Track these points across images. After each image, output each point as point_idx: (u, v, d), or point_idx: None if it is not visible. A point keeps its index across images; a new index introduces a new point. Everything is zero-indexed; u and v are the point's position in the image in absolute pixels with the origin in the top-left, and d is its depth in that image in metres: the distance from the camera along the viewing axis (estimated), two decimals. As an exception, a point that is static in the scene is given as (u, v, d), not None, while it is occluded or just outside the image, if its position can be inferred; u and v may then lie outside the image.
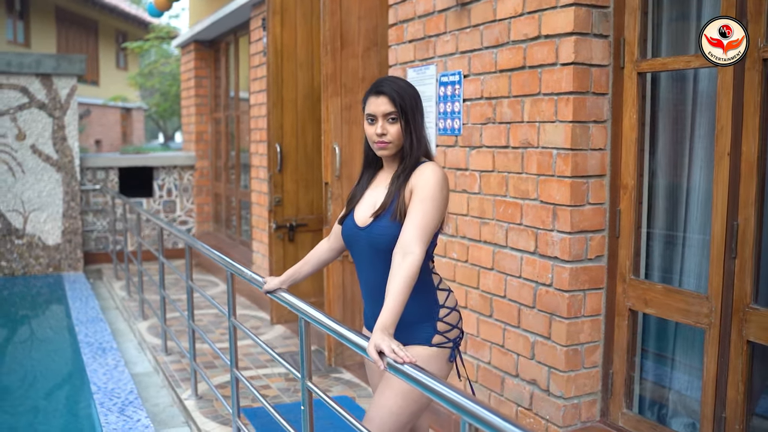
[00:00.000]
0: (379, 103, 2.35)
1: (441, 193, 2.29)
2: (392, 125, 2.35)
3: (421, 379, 1.83)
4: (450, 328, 2.42)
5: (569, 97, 3.00)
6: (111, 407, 4.51)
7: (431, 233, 2.25)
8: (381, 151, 2.38)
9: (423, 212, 2.23)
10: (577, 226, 3.06)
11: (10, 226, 8.51)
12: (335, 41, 4.40)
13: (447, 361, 2.42)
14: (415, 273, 2.15)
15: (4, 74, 8.33)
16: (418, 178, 2.30)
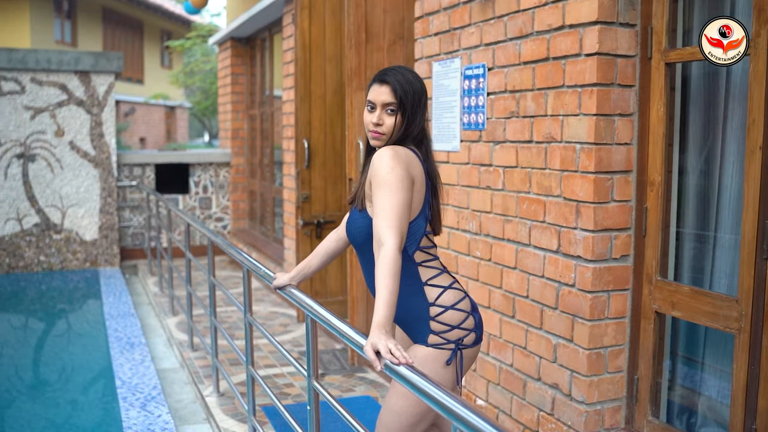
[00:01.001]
0: (380, 92, 2.29)
1: (392, 175, 2.16)
2: (389, 117, 2.29)
3: (413, 380, 1.73)
4: (448, 329, 2.28)
5: (593, 89, 2.87)
6: (133, 402, 4.51)
7: (400, 216, 2.12)
8: (374, 141, 2.32)
9: (380, 199, 2.14)
10: (601, 224, 2.92)
11: (48, 222, 8.63)
12: (360, 35, 4.32)
13: (443, 364, 2.27)
14: (393, 262, 2.05)
15: (44, 71, 8.45)
16: (370, 168, 2.24)
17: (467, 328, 2.32)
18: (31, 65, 8.33)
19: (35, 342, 6.60)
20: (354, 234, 2.35)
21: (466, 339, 2.32)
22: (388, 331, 1.97)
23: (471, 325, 2.34)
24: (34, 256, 8.59)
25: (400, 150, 2.24)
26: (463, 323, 2.31)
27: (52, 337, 6.76)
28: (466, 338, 2.32)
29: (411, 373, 1.76)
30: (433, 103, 4.09)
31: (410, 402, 2.24)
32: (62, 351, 6.12)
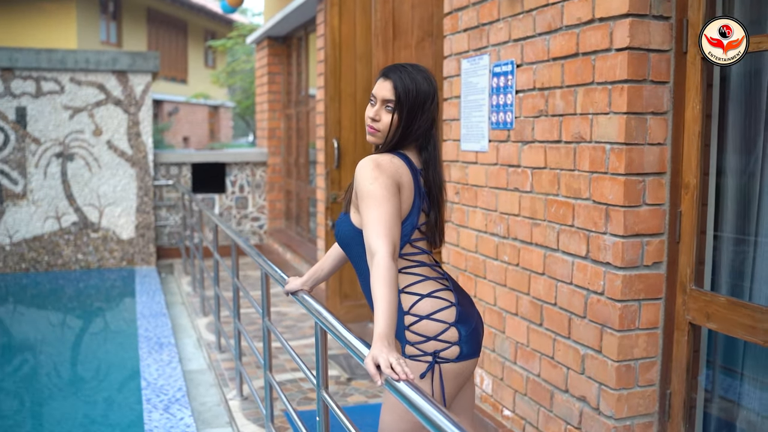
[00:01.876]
0: (382, 87, 2.20)
1: (375, 186, 2.06)
2: (387, 114, 2.19)
3: (410, 397, 1.61)
4: (423, 340, 2.14)
5: (624, 85, 2.71)
6: (157, 404, 4.46)
7: (388, 225, 2.01)
8: (369, 137, 2.24)
9: (367, 211, 2.06)
10: (632, 229, 2.76)
11: (86, 220, 8.70)
12: (387, 31, 4.21)
13: (419, 378, 2.13)
14: (387, 269, 1.94)
15: (83, 71, 8.52)
16: (354, 177, 2.16)
17: (447, 341, 2.15)
18: (70, 65, 8.41)
19: (67, 340, 6.64)
20: (338, 235, 2.30)
21: (445, 352, 2.15)
22: (391, 343, 1.85)
23: (453, 338, 2.16)
24: (72, 254, 8.67)
25: (383, 159, 2.14)
26: (441, 335, 2.15)
27: (85, 335, 6.79)
28: (446, 351, 2.15)
29: (410, 390, 1.63)
30: (462, 101, 3.95)
31: (396, 418, 2.13)
32: (92, 350, 6.14)
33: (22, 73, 8.32)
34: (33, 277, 8.46)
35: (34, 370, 5.81)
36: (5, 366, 5.96)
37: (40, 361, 6.01)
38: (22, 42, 15.73)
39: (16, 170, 8.41)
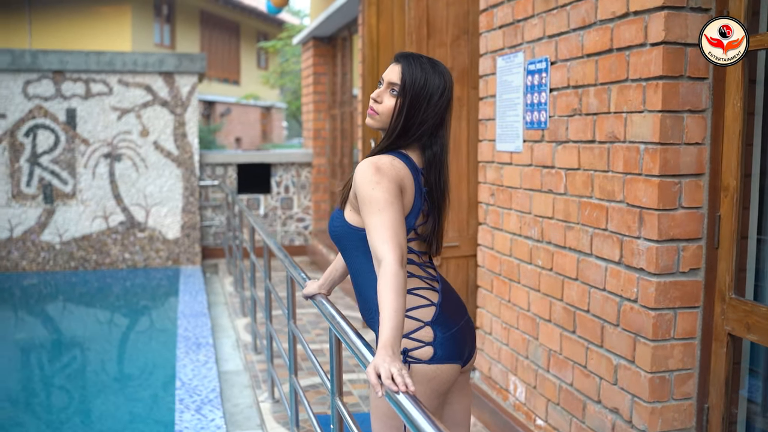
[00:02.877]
0: (392, 71, 2.12)
1: (378, 190, 1.97)
2: (390, 98, 2.09)
3: (408, 411, 1.52)
4: None
5: (658, 82, 2.57)
6: (189, 404, 4.46)
7: (393, 230, 1.92)
8: (368, 119, 2.15)
9: (370, 217, 1.96)
10: (667, 234, 2.61)
11: (133, 220, 8.82)
12: (421, 29, 4.12)
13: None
14: (395, 276, 1.85)
15: (130, 73, 8.64)
16: (354, 182, 2.06)
17: (419, 340, 2.05)
18: (118, 67, 8.53)
19: (110, 338, 6.73)
20: (332, 231, 2.22)
21: (416, 352, 2.04)
22: (396, 353, 1.76)
23: (427, 338, 2.06)
24: (119, 253, 8.80)
25: (383, 161, 2.04)
26: (414, 333, 2.05)
27: (127, 333, 6.87)
28: (417, 351, 2.04)
29: (409, 403, 1.55)
30: (497, 100, 3.84)
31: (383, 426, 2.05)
32: (133, 348, 6.20)
33: (72, 75, 8.48)
34: (82, 276, 8.61)
35: (78, 367, 5.90)
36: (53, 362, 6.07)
37: (84, 358, 6.10)
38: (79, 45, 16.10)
39: (65, 170, 8.57)
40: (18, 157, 8.42)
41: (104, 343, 6.56)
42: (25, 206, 8.48)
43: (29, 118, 8.42)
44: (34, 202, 8.50)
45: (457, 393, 2.20)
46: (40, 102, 8.42)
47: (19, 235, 8.49)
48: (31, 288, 8.23)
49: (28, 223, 8.50)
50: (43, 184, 8.50)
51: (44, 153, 8.50)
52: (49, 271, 8.60)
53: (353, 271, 2.21)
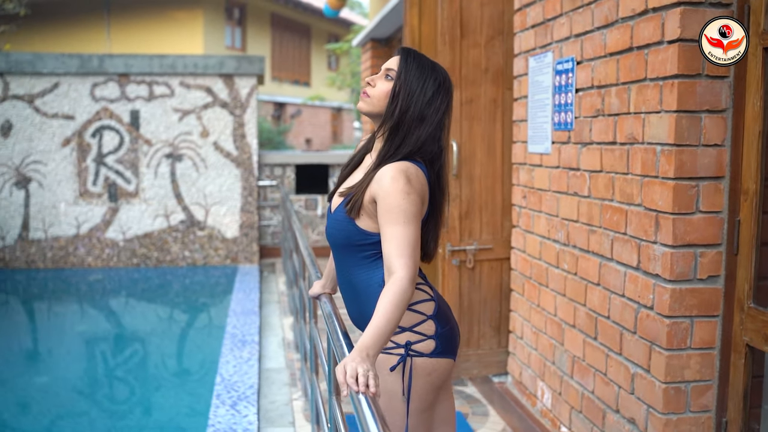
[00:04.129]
0: (391, 60, 2.10)
1: (407, 202, 1.92)
2: (384, 82, 2.06)
3: (364, 415, 1.51)
4: (398, 330, 2.02)
5: (674, 81, 2.48)
6: (225, 400, 4.53)
7: (411, 243, 1.89)
8: (359, 103, 2.11)
9: (393, 227, 1.91)
10: (682, 239, 2.52)
11: (193, 219, 9.04)
12: (454, 30, 4.08)
13: (387, 371, 2.02)
14: (404, 294, 1.83)
15: (191, 75, 8.85)
16: (377, 185, 1.97)
17: (422, 333, 2.04)
18: (180, 70, 8.76)
19: (162, 332, 6.91)
20: (333, 234, 2.12)
21: (419, 345, 2.03)
22: (369, 356, 1.75)
23: (429, 331, 2.04)
24: (179, 251, 9.03)
25: (411, 171, 1.98)
26: (417, 326, 2.04)
27: (178, 329, 7.05)
28: (420, 344, 2.03)
29: (365, 405, 1.54)
30: (529, 101, 3.77)
31: None
32: (181, 344, 6.36)
33: (136, 78, 8.75)
34: (143, 272, 8.88)
35: (129, 359, 6.09)
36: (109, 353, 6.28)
37: (137, 351, 6.29)
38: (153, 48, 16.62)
39: (129, 170, 8.85)
40: (85, 157, 8.75)
41: (157, 337, 6.75)
42: (91, 204, 8.80)
43: (96, 120, 8.73)
44: (99, 201, 8.81)
45: (444, 391, 2.17)
46: (107, 104, 8.72)
47: (85, 232, 8.82)
48: (96, 283, 8.53)
49: (93, 221, 8.82)
50: (108, 183, 8.81)
51: (109, 153, 8.80)
52: (112, 267, 8.90)
53: (355, 282, 2.12)
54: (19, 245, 8.70)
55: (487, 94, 4.15)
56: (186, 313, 7.67)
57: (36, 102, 8.59)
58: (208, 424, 4.16)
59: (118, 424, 4.63)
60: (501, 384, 4.31)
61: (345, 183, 2.19)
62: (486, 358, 4.36)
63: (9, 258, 8.69)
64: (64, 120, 8.65)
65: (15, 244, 8.70)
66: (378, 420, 1.47)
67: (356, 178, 2.15)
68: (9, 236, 8.68)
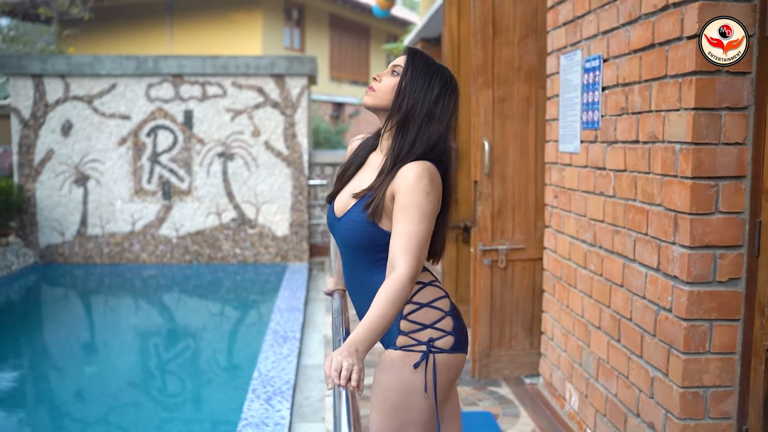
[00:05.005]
0: (398, 59, 2.11)
1: (427, 201, 1.93)
2: (390, 78, 2.07)
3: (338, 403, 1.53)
4: (419, 328, 2.04)
5: (692, 78, 2.42)
6: (260, 395, 4.61)
7: (421, 243, 1.91)
8: (364, 97, 2.11)
9: (408, 223, 1.91)
10: (701, 240, 2.45)
11: (244, 217, 9.19)
12: (486, 29, 4.05)
13: (411, 368, 2.01)
14: (403, 291, 1.84)
15: (243, 76, 9.01)
16: (400, 181, 1.96)
17: (442, 329, 2.06)
18: (232, 70, 8.92)
19: (209, 328, 7.06)
20: (349, 237, 2.07)
21: (440, 341, 2.05)
22: (358, 351, 1.76)
23: (448, 327, 2.07)
24: (230, 248, 9.20)
25: (433, 171, 1.99)
26: (438, 323, 2.06)
27: (224, 324, 7.19)
28: (441, 340, 2.05)
29: (343, 400, 1.55)
30: (560, 100, 3.73)
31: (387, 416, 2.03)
32: (225, 339, 6.48)
33: (189, 78, 8.96)
34: (195, 269, 9.08)
35: (175, 353, 6.24)
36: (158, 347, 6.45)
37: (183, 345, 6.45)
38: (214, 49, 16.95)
39: (182, 168, 9.06)
40: (140, 155, 8.99)
41: (203, 332, 6.90)
42: (145, 202, 9.05)
43: (151, 119, 8.97)
44: (153, 198, 9.04)
45: (453, 386, 2.18)
46: (161, 104, 8.95)
47: (140, 229, 9.07)
48: (149, 279, 8.76)
49: (148, 218, 9.06)
50: (162, 181, 9.03)
51: (164, 152, 9.03)
52: (166, 264, 9.13)
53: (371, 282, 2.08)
54: (78, 241, 9.01)
55: (520, 92, 4.12)
56: (233, 309, 7.82)
57: (95, 102, 8.87)
58: (241, 417, 4.24)
59: (156, 414, 4.76)
60: (532, 385, 4.26)
61: (353, 183, 2.16)
62: (518, 359, 4.33)
63: (68, 253, 9.00)
64: (121, 120, 8.91)
65: (74, 240, 9.01)
66: (352, 415, 1.48)
67: (365, 179, 2.12)
68: (68, 232, 8.99)
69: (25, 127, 8.81)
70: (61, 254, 9.00)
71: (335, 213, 2.14)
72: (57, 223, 8.96)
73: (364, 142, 2.23)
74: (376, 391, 2.08)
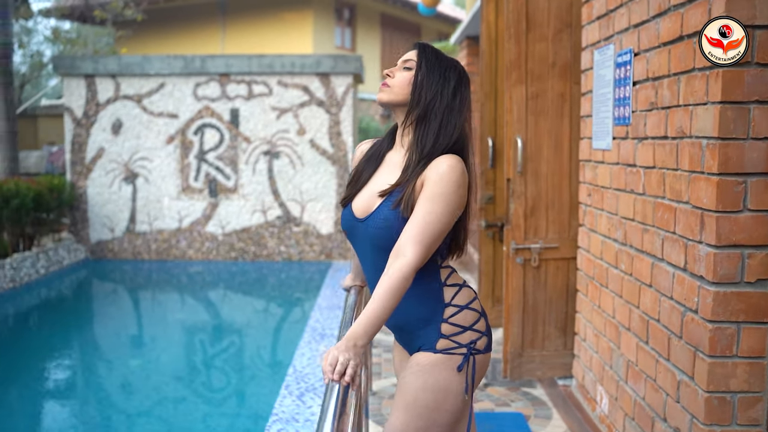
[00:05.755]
0: (408, 53, 2.08)
1: (456, 195, 1.91)
2: (403, 72, 2.04)
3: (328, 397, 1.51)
4: (460, 330, 2.01)
5: (719, 70, 2.33)
6: (293, 390, 4.63)
7: (436, 236, 1.88)
8: (379, 94, 2.06)
9: (429, 211, 1.88)
10: (727, 239, 2.36)
11: (289, 215, 9.27)
12: (519, 24, 3.99)
13: (454, 371, 1.99)
14: (403, 279, 1.81)
15: (289, 74, 9.08)
16: (432, 172, 1.92)
17: (480, 331, 2.05)
18: (278, 69, 9.00)
19: (250, 324, 7.13)
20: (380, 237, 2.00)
21: (478, 342, 2.04)
22: (357, 346, 1.74)
23: (483, 328, 2.07)
24: (275, 246, 9.28)
25: (464, 167, 1.96)
26: (476, 324, 2.05)
27: (265, 321, 7.25)
28: (479, 342, 2.04)
29: (333, 395, 1.54)
30: (594, 96, 3.65)
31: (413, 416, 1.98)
32: (265, 335, 6.54)
33: (236, 77, 9.07)
34: (240, 266, 9.19)
35: (216, 348, 6.32)
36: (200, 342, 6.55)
37: (223, 341, 6.53)
38: (265, 48, 17.13)
39: (229, 167, 9.18)
40: (187, 153, 9.14)
41: (245, 328, 6.98)
42: (192, 199, 9.19)
43: (198, 118, 9.11)
44: (200, 196, 9.18)
45: None
46: (208, 103, 9.08)
47: (186, 226, 9.22)
48: (195, 275, 8.90)
49: (194, 215, 9.21)
50: (209, 179, 9.17)
51: (210, 150, 9.16)
52: (212, 260, 9.26)
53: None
54: (127, 237, 9.20)
55: (554, 88, 4.04)
56: (276, 306, 7.89)
57: (144, 101, 9.05)
58: (272, 412, 4.26)
59: (196, 408, 4.83)
60: (565, 387, 4.18)
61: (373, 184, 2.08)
62: (550, 359, 4.25)
63: (117, 249, 9.20)
64: (169, 118, 9.07)
65: (123, 236, 9.21)
66: (338, 410, 1.47)
67: (387, 177, 2.05)
68: (118, 228, 9.20)
69: (77, 126, 9.04)
70: (111, 250, 9.21)
71: (356, 215, 2.08)
72: (107, 220, 9.18)
73: (375, 145, 2.20)
74: (406, 391, 2.01)
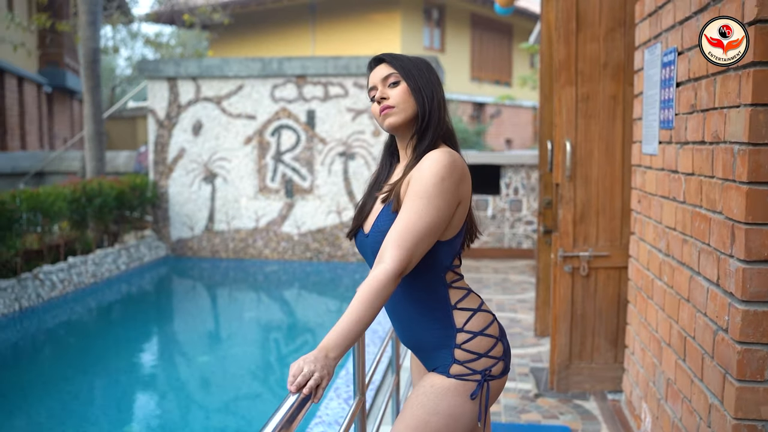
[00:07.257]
0: (376, 71, 1.97)
1: (438, 187, 1.80)
2: (393, 88, 1.93)
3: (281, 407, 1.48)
4: (475, 357, 1.92)
5: (750, 70, 2.15)
6: (341, 393, 4.62)
7: (420, 236, 1.77)
8: (387, 119, 1.93)
9: (410, 210, 1.79)
10: (759, 254, 2.18)
11: (362, 215, 9.29)
12: (569, 23, 3.83)
13: (467, 398, 1.90)
14: (381, 288, 1.71)
15: (364, 76, 9.10)
16: (416, 168, 1.86)
17: (495, 356, 1.95)
18: (353, 70, 9.03)
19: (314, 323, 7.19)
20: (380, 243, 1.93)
21: (494, 369, 1.95)
22: (327, 357, 1.67)
23: (499, 353, 1.96)
24: (350, 247, 9.32)
25: (458, 159, 1.88)
26: (492, 350, 1.95)
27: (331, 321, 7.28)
28: (494, 368, 1.95)
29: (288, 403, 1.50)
30: (644, 98, 3.46)
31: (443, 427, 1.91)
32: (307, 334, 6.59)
33: (312, 79, 9.16)
34: (315, 266, 9.27)
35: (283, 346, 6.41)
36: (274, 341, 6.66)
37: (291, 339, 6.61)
38: (353, 50, 17.28)
39: (305, 167, 9.29)
40: (264, 154, 9.30)
41: (318, 328, 7.04)
42: (269, 199, 9.35)
43: (275, 119, 9.26)
44: (276, 196, 9.33)
45: None
46: (285, 104, 9.21)
47: (263, 226, 9.39)
48: (271, 274, 9.05)
49: (271, 215, 9.36)
50: (285, 179, 9.30)
51: (287, 151, 9.29)
52: (287, 260, 9.39)
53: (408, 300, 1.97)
54: (206, 236, 9.45)
55: (606, 90, 3.86)
56: (341, 306, 7.92)
57: (223, 103, 9.27)
58: (316, 414, 4.26)
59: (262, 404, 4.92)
60: (615, 402, 3.99)
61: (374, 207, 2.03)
62: (599, 372, 4.07)
63: (197, 247, 9.47)
64: (247, 120, 9.26)
65: (202, 234, 9.46)
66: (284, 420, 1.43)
67: None
68: (197, 227, 9.46)
69: (160, 127, 9.36)
70: (191, 248, 9.48)
71: (364, 232, 2.01)
72: (187, 218, 9.45)
73: (377, 173, 2.14)
74: (416, 413, 1.94)
